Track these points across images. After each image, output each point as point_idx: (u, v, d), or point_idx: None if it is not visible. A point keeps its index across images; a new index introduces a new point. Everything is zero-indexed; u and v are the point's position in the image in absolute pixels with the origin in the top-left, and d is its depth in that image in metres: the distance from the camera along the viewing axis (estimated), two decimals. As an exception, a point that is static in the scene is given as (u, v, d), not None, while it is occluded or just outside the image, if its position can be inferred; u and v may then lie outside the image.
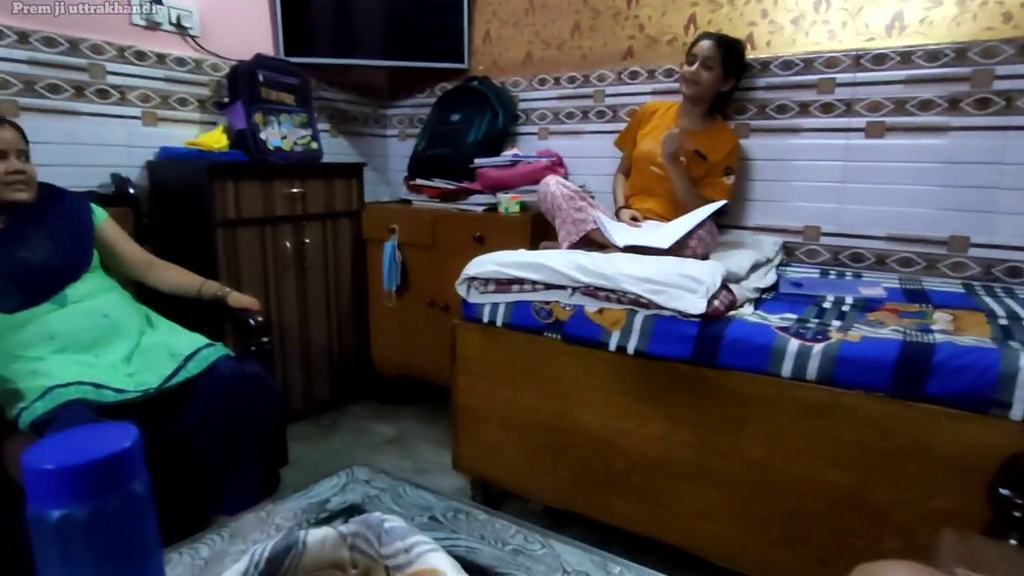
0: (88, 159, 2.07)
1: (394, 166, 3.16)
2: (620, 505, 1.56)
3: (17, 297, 1.52)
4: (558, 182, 2.02)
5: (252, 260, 2.22)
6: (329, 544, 0.68)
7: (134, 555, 0.49)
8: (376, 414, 2.63)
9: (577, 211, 1.97)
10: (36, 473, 0.45)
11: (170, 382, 1.50)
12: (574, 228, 1.95)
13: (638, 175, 2.20)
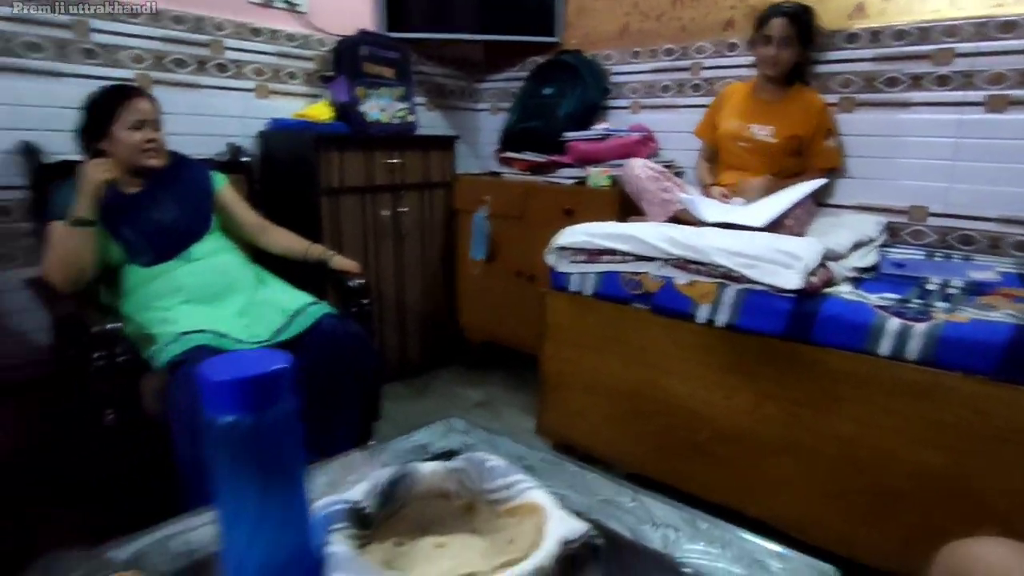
0: (207, 129, 2.24)
1: (484, 139, 3.22)
2: (702, 474, 1.58)
3: (151, 254, 1.70)
4: (643, 164, 2.03)
5: (353, 227, 2.35)
6: (438, 476, 0.75)
7: (285, 462, 0.57)
8: (464, 379, 2.73)
9: (663, 191, 1.97)
10: (213, 384, 0.52)
11: (280, 335, 1.63)
12: (661, 210, 1.95)
13: (726, 154, 2.18)
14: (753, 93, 2.13)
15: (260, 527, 0.56)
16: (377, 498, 0.70)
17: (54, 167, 1.80)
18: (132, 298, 1.67)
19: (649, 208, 1.97)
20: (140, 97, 1.74)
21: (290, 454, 0.57)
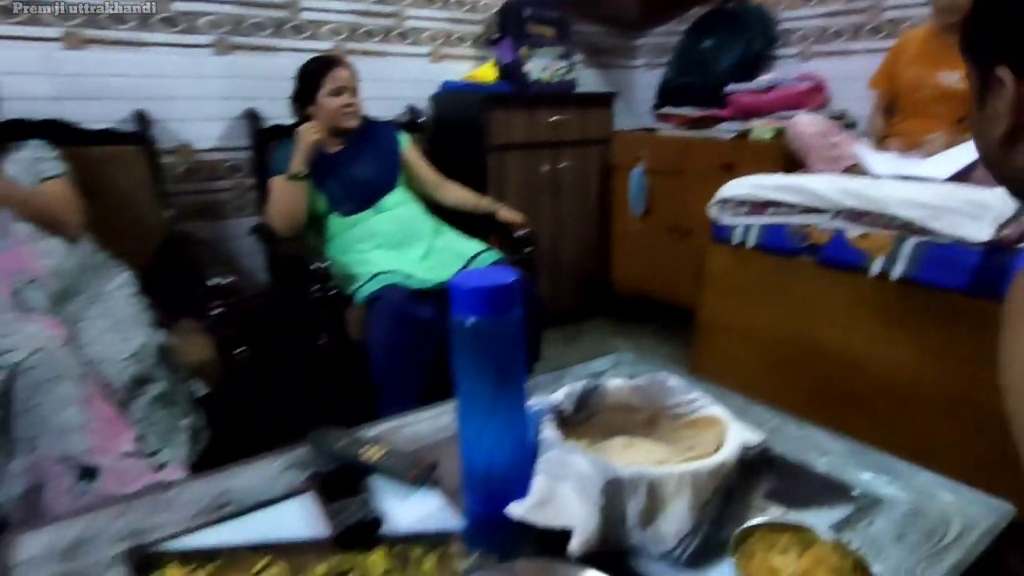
0: (389, 93, 2.47)
1: (640, 96, 3.22)
2: (859, 427, 1.55)
3: (351, 204, 1.95)
4: (810, 119, 1.96)
5: (516, 181, 2.50)
6: (624, 391, 0.86)
7: (513, 359, 0.70)
8: (614, 330, 2.83)
9: (832, 148, 1.90)
10: (462, 292, 0.66)
11: (457, 278, 1.82)
12: (828, 167, 1.88)
13: (907, 103, 2.04)
14: (935, 37, 1.95)
15: (492, 413, 0.70)
16: (573, 404, 0.83)
17: (272, 130, 2.11)
18: (334, 243, 1.94)
19: (815, 165, 1.91)
20: (340, 66, 1.97)
21: (516, 353, 0.70)
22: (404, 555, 0.68)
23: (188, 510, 0.75)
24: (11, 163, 1.58)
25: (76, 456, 1.23)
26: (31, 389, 1.23)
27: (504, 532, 0.69)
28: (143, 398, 1.35)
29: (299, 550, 0.68)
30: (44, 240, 1.52)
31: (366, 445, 0.83)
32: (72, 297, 1.50)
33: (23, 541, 0.70)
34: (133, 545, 0.68)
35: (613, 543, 0.66)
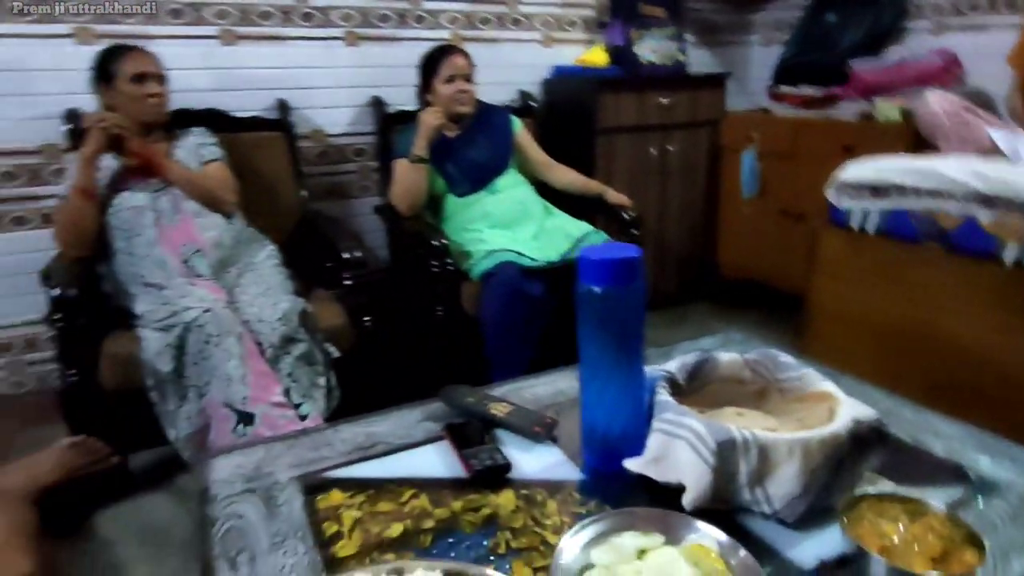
0: (503, 78, 2.56)
1: (754, 75, 3.13)
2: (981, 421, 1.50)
3: (467, 185, 2.06)
4: (942, 97, 1.85)
5: (623, 164, 2.53)
6: (735, 364, 0.90)
7: (633, 328, 0.76)
8: (718, 314, 2.81)
9: (965, 128, 1.79)
10: (590, 263, 0.73)
11: (566, 256, 1.89)
12: (960, 149, 1.78)
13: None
14: None
15: (612, 376, 0.77)
16: (686, 373, 0.88)
17: (396, 116, 2.26)
18: (451, 222, 2.06)
19: (946, 147, 1.81)
20: (455, 54, 2.07)
21: (637, 322, 0.76)
22: (530, 497, 0.76)
23: (344, 448, 0.87)
24: (179, 148, 1.81)
25: (236, 403, 1.42)
26: (202, 343, 1.43)
27: (618, 485, 0.77)
28: (289, 357, 1.52)
29: (438, 486, 0.78)
30: (206, 216, 1.73)
31: (492, 402, 0.93)
32: (229, 266, 1.71)
33: (216, 464, 0.84)
34: (303, 473, 0.81)
35: (722, 501, 0.71)
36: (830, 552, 0.66)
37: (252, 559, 0.67)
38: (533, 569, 0.65)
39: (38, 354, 2.13)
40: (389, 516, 0.73)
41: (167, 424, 1.49)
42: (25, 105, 1.93)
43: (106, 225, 1.67)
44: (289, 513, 0.74)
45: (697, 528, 0.66)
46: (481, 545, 0.68)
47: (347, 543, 0.69)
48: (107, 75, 1.71)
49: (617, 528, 0.67)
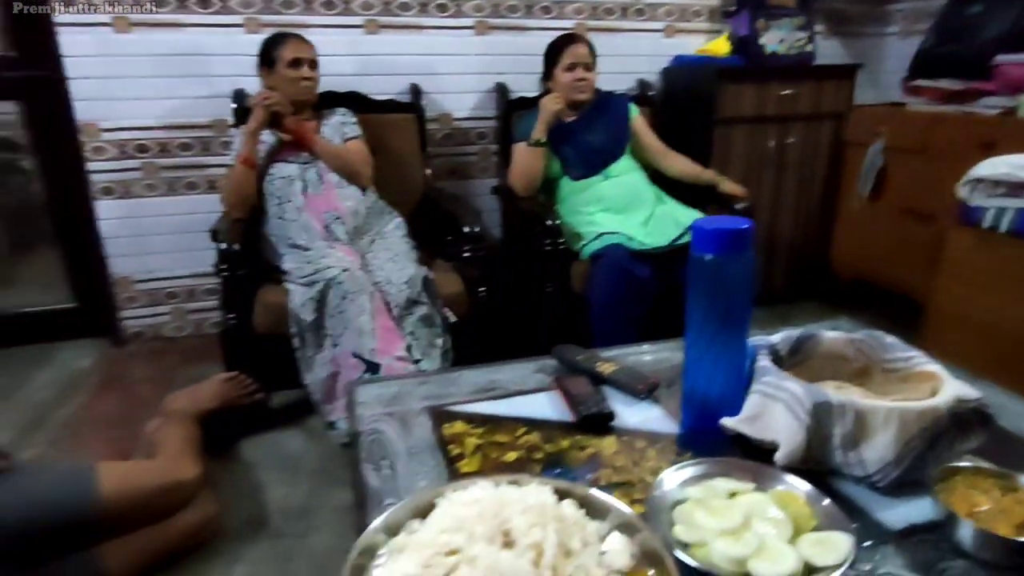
0: (624, 67, 2.60)
1: (888, 67, 2.98)
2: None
3: (582, 169, 2.14)
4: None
5: (739, 155, 2.51)
6: (839, 342, 0.93)
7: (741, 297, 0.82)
8: (826, 314, 2.72)
9: None
10: (704, 232, 0.79)
11: (675, 243, 1.93)
12: None
13: None
14: None
15: (716, 340, 0.83)
16: (789, 346, 0.92)
17: (517, 102, 2.37)
18: (564, 204, 2.15)
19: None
20: (577, 43, 2.15)
21: (745, 290, 0.82)
22: (630, 444, 0.84)
23: (467, 388, 0.99)
24: (326, 126, 2.01)
25: (365, 353, 1.59)
26: (339, 298, 1.61)
27: (713, 442, 0.83)
28: (412, 317, 1.68)
29: (548, 427, 0.88)
30: (346, 187, 1.93)
31: (600, 361, 1.01)
32: (363, 234, 1.90)
33: (362, 391, 0.98)
34: (432, 405, 0.94)
35: (815, 462, 0.76)
36: (919, 518, 0.69)
37: (392, 465, 0.79)
38: (631, 500, 0.73)
39: (197, 303, 2.45)
40: (504, 446, 0.84)
41: (304, 369, 1.69)
42: (200, 85, 2.22)
43: (262, 191, 1.89)
44: (421, 434, 0.86)
45: (786, 480, 0.72)
46: (584, 478, 0.77)
47: (468, 462, 0.80)
48: (270, 59, 1.93)
49: (712, 473, 0.73)
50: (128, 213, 2.28)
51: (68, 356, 2.36)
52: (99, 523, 1.20)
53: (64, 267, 2.47)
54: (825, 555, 0.60)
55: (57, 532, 1.16)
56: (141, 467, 1.32)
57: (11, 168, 2.77)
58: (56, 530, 1.16)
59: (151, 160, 2.25)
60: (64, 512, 1.16)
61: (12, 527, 1.12)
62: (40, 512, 1.14)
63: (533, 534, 0.61)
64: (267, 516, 1.49)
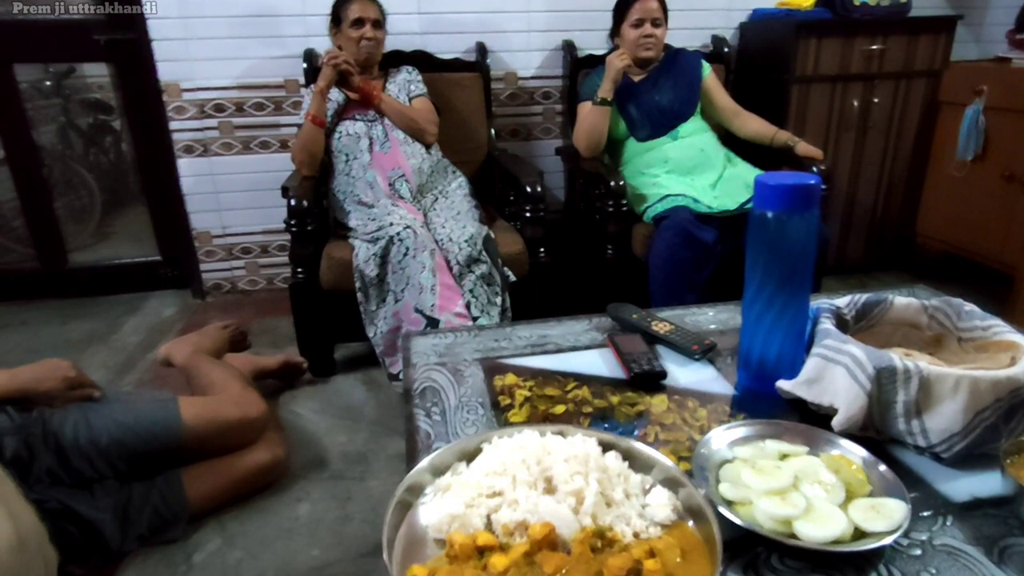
0: (697, 23, 2.49)
1: (991, 19, 2.73)
2: None
3: (648, 129, 2.08)
4: None
5: (818, 116, 2.37)
6: (912, 309, 0.88)
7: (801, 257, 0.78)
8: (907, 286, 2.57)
9: None
10: (765, 186, 0.76)
11: (744, 207, 1.86)
12: None
13: None
14: None
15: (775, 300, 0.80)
16: (855, 310, 0.88)
17: (584, 60, 2.32)
18: (629, 166, 2.10)
19: None
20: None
21: (807, 250, 0.78)
22: (681, 403, 0.83)
23: (520, 343, 1.00)
24: (392, 84, 2.03)
25: (425, 309, 1.62)
26: (401, 254, 1.65)
27: (769, 404, 0.81)
28: (472, 275, 1.70)
29: (599, 383, 0.88)
30: (411, 145, 1.95)
31: (655, 320, 1.00)
32: (426, 192, 1.92)
33: (417, 341, 1.01)
34: (484, 357, 0.95)
35: (874, 430, 0.73)
36: (985, 492, 0.66)
37: (443, 412, 0.81)
38: (678, 457, 0.72)
39: (270, 259, 2.55)
40: (554, 399, 0.84)
41: (367, 322, 1.75)
42: (272, 45, 2.27)
43: (331, 149, 1.94)
44: (472, 384, 0.88)
45: (840, 444, 0.69)
46: (632, 434, 0.77)
47: (517, 413, 0.82)
48: (337, 19, 1.96)
49: (763, 435, 0.72)
50: (206, 171, 2.39)
51: (155, 305, 2.53)
52: (181, 449, 1.31)
53: (151, 222, 2.63)
54: (877, 521, 0.58)
55: (146, 454, 1.28)
56: (215, 400, 1.42)
57: (105, 129, 2.95)
58: (145, 452, 1.28)
59: (227, 119, 2.34)
60: (152, 435, 1.27)
61: (108, 446, 1.23)
62: (133, 434, 1.25)
63: (575, 482, 0.61)
64: (329, 460, 1.57)
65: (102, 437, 1.23)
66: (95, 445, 1.22)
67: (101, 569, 1.24)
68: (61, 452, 1.20)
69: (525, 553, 0.55)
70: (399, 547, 0.58)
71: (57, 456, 1.20)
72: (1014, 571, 0.55)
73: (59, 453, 1.20)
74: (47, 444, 1.19)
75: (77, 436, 1.21)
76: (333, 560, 1.28)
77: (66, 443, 1.21)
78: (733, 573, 0.56)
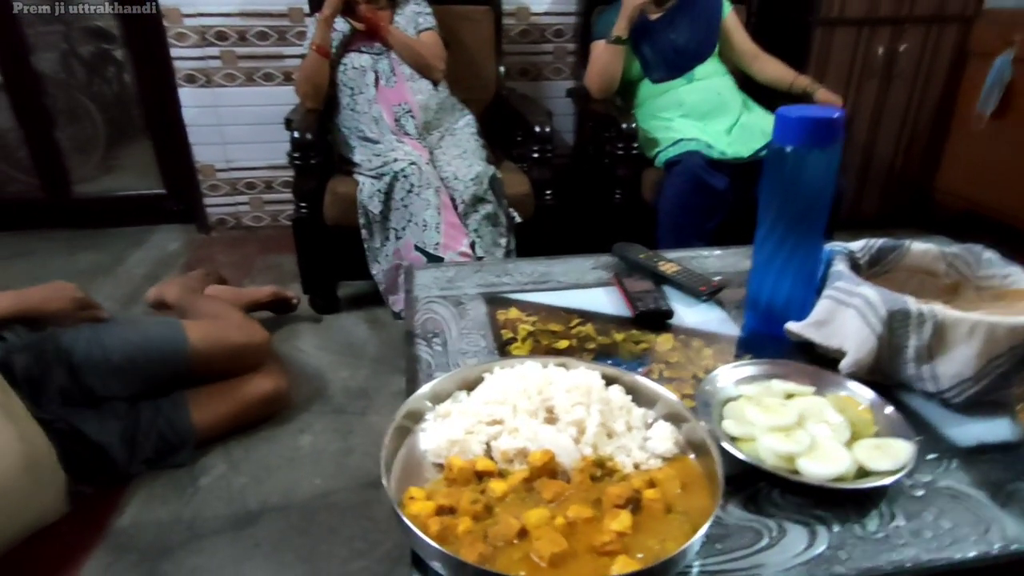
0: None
1: (1032, -35, 2.60)
2: None
3: (663, 71, 2.01)
4: None
5: (840, 62, 2.29)
6: (930, 255, 0.85)
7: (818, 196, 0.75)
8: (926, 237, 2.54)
9: None
10: (786, 119, 0.73)
11: (758, 154, 1.81)
12: None
13: None
14: None
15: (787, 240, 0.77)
16: (870, 255, 0.85)
17: (600, -4, 2.22)
18: (642, 108, 2.04)
19: None
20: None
21: (825, 188, 0.75)
22: (687, 343, 0.82)
23: (523, 279, 0.98)
24: (399, 15, 1.96)
25: (429, 247, 1.60)
26: (405, 191, 1.62)
27: (776, 346, 0.79)
28: (477, 215, 1.67)
29: (604, 320, 0.86)
30: (418, 80, 1.89)
31: (662, 261, 0.98)
32: (432, 129, 1.87)
33: (419, 274, 0.99)
34: (487, 291, 0.93)
35: (883, 374, 0.72)
36: (993, 438, 0.65)
37: (444, 342, 0.80)
38: (682, 394, 0.71)
39: (274, 195, 2.52)
40: (557, 334, 0.83)
41: (371, 259, 1.73)
42: (277, -29, 2.19)
43: (336, 82, 1.88)
44: (474, 317, 0.86)
45: (848, 386, 0.68)
46: (636, 370, 0.76)
47: (520, 346, 0.80)
48: (344, -57, 1.87)
49: (769, 374, 0.71)
50: (209, 102, 2.33)
51: (160, 239, 2.51)
52: (188, 370, 1.32)
53: (155, 155, 2.59)
54: (881, 460, 0.57)
55: (153, 373, 1.29)
56: (219, 324, 1.43)
57: (106, 58, 2.88)
58: (154, 372, 1.29)
59: (230, 48, 2.27)
60: (161, 354, 1.29)
61: (119, 363, 1.25)
62: (143, 353, 1.27)
63: (576, 412, 0.61)
64: (331, 394, 1.58)
65: (114, 354, 1.25)
66: (108, 361, 1.24)
67: (110, 489, 1.27)
68: (73, 369, 1.22)
69: (524, 480, 0.55)
70: (397, 470, 0.57)
71: (69, 372, 1.21)
72: (1018, 514, 0.55)
73: (71, 370, 1.22)
74: (60, 360, 1.21)
75: (90, 352, 1.23)
76: (335, 489, 1.30)
77: (78, 359, 1.22)
78: (734, 506, 0.56)
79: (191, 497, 1.27)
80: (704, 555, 0.51)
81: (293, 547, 1.17)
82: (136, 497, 1.27)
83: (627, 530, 0.48)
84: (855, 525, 0.54)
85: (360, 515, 1.24)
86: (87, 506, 1.23)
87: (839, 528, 0.53)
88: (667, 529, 0.49)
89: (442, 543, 0.46)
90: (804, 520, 0.54)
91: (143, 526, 1.21)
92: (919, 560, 0.51)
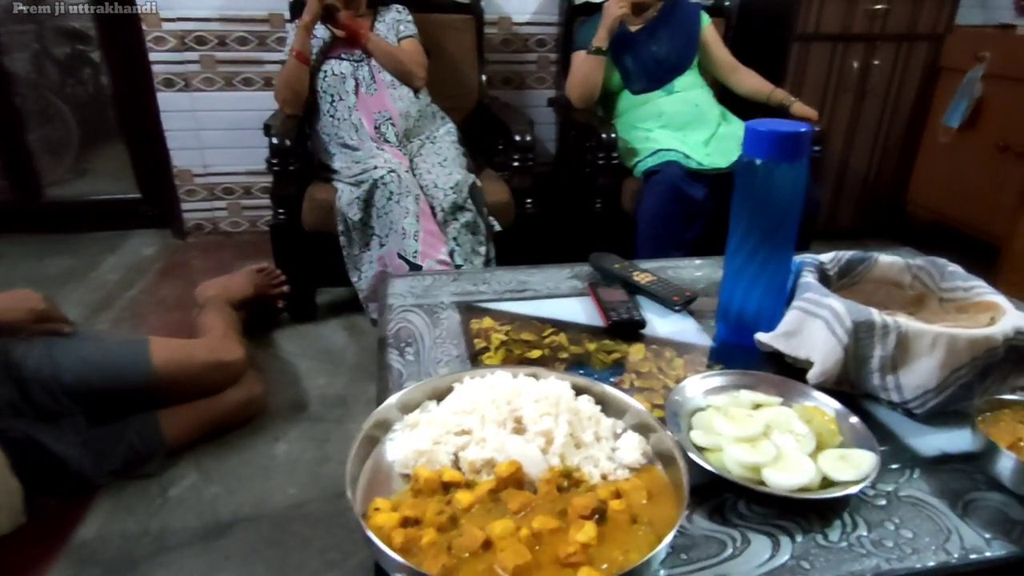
0: (698, -27, 2.41)
1: (1002, -16, 2.67)
2: None
3: (643, 82, 2.03)
4: None
5: (816, 76, 2.33)
6: (896, 267, 0.87)
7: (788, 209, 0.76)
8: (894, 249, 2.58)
9: None
10: (755, 132, 0.74)
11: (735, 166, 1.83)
12: None
13: None
14: None
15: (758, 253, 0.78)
16: (839, 267, 0.87)
17: (581, 7, 2.24)
18: (621, 119, 2.05)
19: None
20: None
21: (794, 201, 0.77)
22: (659, 353, 0.82)
23: (499, 287, 0.98)
24: (380, 23, 1.96)
25: (408, 255, 1.60)
26: (385, 199, 1.62)
27: (746, 357, 0.80)
28: (456, 223, 1.67)
29: (576, 330, 0.87)
30: (398, 88, 1.89)
31: (637, 271, 0.98)
32: (412, 136, 1.87)
33: (394, 282, 0.99)
34: (462, 300, 0.93)
35: (849, 384, 0.73)
36: (954, 448, 0.66)
37: (417, 351, 0.80)
38: (652, 404, 0.71)
39: (252, 200, 2.50)
40: (530, 344, 0.83)
41: (350, 267, 1.72)
42: (257, -25, 2.18)
43: (315, 89, 1.88)
44: (448, 327, 0.86)
45: (814, 396, 0.69)
46: (608, 380, 0.76)
47: (492, 355, 0.80)
48: (325, -51, 1.86)
49: (738, 384, 0.71)
50: (187, 107, 2.31)
51: (135, 244, 2.48)
52: (152, 391, 1.29)
53: (131, 158, 2.55)
54: (845, 470, 0.57)
55: (114, 394, 1.26)
56: (189, 344, 1.40)
57: (82, 59, 2.84)
58: (113, 392, 1.26)
59: (209, 53, 2.25)
60: (120, 376, 1.25)
61: (72, 384, 1.21)
62: (99, 373, 1.23)
63: (544, 422, 0.61)
64: (308, 402, 1.56)
65: (66, 373, 1.21)
66: (58, 381, 1.20)
67: (74, 501, 1.24)
68: (22, 384, 1.18)
69: (490, 490, 0.54)
70: (364, 480, 0.57)
71: (18, 387, 1.18)
72: (977, 524, 0.56)
73: (20, 385, 1.18)
74: (9, 374, 1.17)
75: (39, 370, 1.19)
76: (310, 499, 1.29)
77: (27, 375, 1.18)
78: (700, 516, 0.56)
79: (159, 508, 1.25)
80: (669, 565, 0.51)
81: (264, 559, 1.16)
82: (101, 508, 1.24)
83: (592, 541, 0.48)
84: (818, 535, 0.54)
85: (334, 525, 1.22)
86: (48, 517, 1.20)
87: (802, 538, 0.54)
88: (632, 540, 0.49)
89: (405, 555, 0.46)
90: (768, 530, 0.55)
91: (107, 538, 1.18)
92: (880, 570, 0.51)
